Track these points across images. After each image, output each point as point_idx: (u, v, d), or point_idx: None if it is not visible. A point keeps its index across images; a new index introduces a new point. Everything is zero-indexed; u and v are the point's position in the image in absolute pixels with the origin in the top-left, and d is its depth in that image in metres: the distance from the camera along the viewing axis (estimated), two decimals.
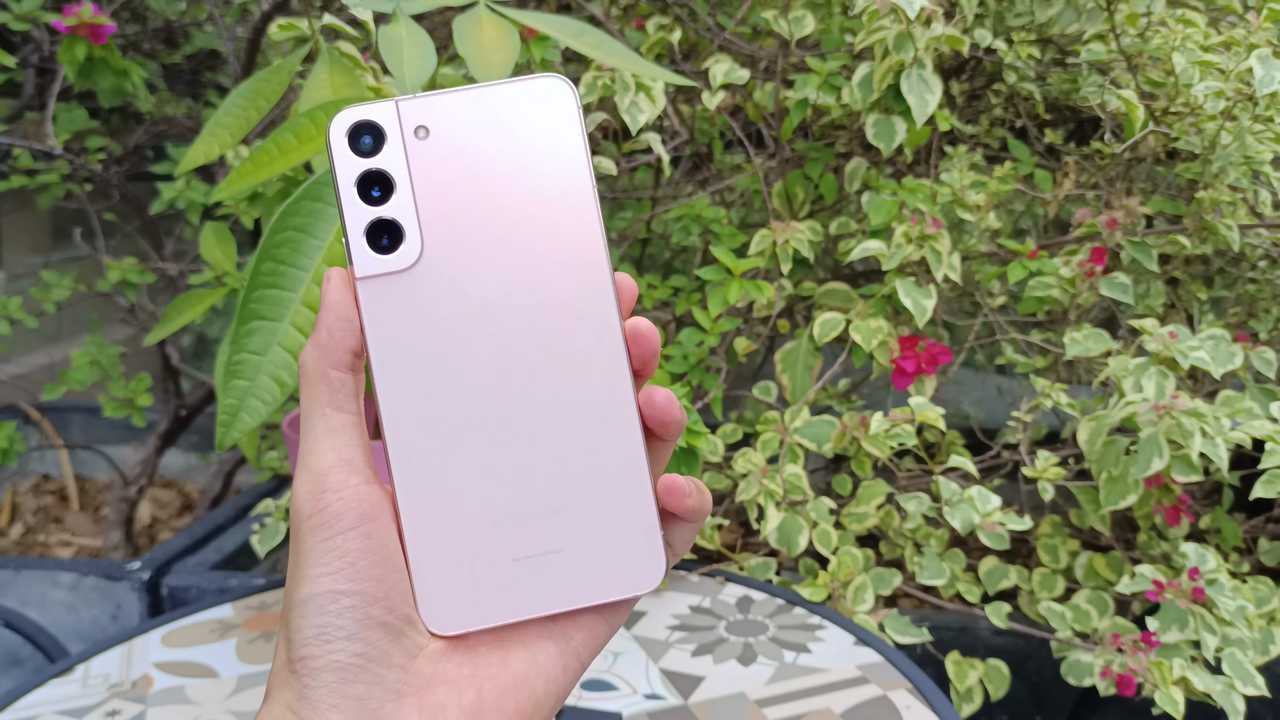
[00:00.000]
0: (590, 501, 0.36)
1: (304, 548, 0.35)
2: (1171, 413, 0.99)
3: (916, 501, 1.10)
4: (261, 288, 0.62)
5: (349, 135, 0.36)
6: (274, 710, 0.34)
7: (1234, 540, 1.27)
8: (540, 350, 0.36)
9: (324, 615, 0.34)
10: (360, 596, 0.34)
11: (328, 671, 0.34)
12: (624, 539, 0.36)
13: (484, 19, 0.80)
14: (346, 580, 0.34)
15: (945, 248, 1.12)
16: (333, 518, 0.35)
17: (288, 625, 0.35)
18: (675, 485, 0.37)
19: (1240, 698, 0.95)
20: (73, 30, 1.22)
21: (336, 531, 0.35)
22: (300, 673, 0.34)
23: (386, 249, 0.36)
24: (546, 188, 0.36)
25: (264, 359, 0.61)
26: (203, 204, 1.65)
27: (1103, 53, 1.19)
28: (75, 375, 1.56)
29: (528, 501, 0.36)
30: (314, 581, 0.34)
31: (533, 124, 0.36)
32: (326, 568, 0.34)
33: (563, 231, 0.36)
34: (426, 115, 0.36)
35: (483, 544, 0.36)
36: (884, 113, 1.15)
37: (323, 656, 0.34)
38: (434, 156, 0.36)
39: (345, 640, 0.34)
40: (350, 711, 0.33)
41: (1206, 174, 1.16)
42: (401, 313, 0.36)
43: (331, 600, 0.34)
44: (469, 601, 0.36)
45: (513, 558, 0.36)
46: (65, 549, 1.74)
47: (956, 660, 1.12)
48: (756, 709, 0.82)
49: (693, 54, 1.46)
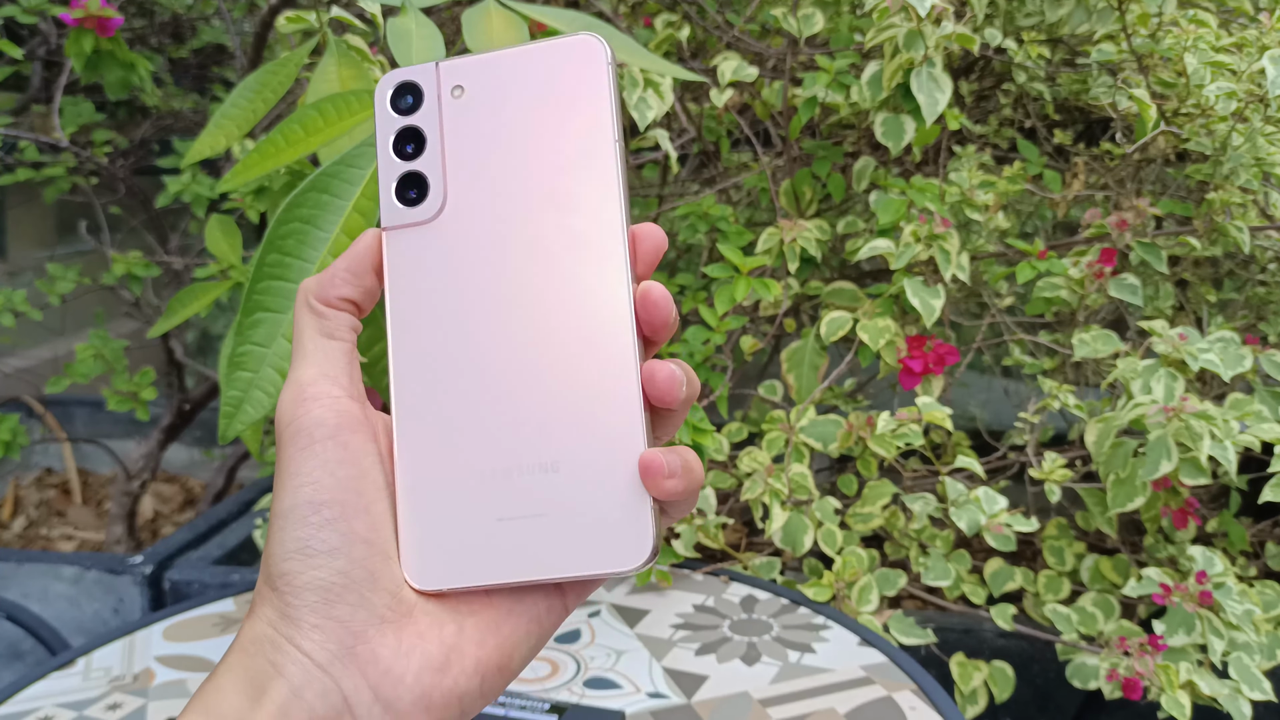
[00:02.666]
0: (582, 467, 0.35)
1: (285, 456, 0.35)
2: (1180, 415, 0.98)
3: (922, 502, 1.10)
4: (267, 279, 0.61)
5: (392, 95, 0.38)
6: (257, 625, 0.34)
7: (1241, 544, 1.26)
8: (547, 311, 0.36)
9: (305, 527, 0.33)
10: (341, 508, 0.34)
11: (309, 590, 0.33)
12: (613, 511, 0.35)
13: (493, 12, 0.79)
14: (327, 490, 0.34)
15: (954, 247, 1.11)
16: (312, 424, 0.35)
17: (270, 540, 0.34)
18: (654, 464, 0.34)
19: (1247, 702, 0.94)
20: (80, 23, 1.21)
21: (315, 439, 0.34)
22: (281, 589, 0.33)
23: (413, 201, 0.37)
24: (569, 146, 0.36)
25: (268, 351, 0.61)
26: (208, 198, 1.65)
27: (1113, 53, 1.18)
28: (79, 369, 1.56)
29: (519, 459, 0.35)
30: (295, 492, 0.34)
31: (562, 81, 0.37)
32: (306, 477, 0.34)
33: (580, 192, 0.36)
34: (463, 75, 0.38)
35: (469, 500, 0.35)
36: (893, 111, 1.14)
37: (305, 573, 0.33)
38: (466, 114, 0.37)
39: (327, 555, 0.33)
40: (332, 631, 0.33)
41: (1217, 175, 1.15)
42: (418, 262, 0.37)
43: (312, 511, 0.34)
44: (448, 558, 0.35)
45: (497, 518, 0.35)
46: (67, 543, 1.74)
47: (961, 662, 1.12)
48: (760, 709, 0.81)
49: (701, 51, 1.45)
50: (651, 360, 0.36)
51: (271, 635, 0.33)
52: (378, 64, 0.88)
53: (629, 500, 0.35)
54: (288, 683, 0.33)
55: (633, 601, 0.99)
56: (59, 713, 0.81)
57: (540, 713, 0.80)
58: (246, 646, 0.34)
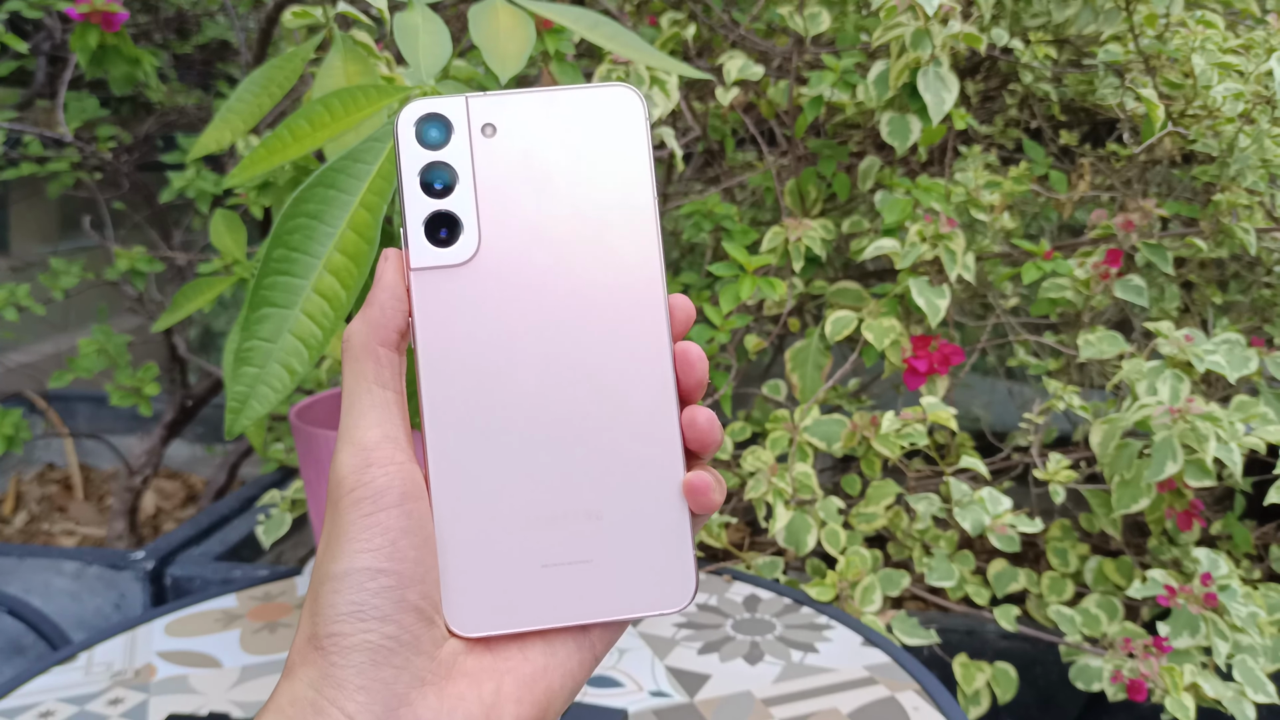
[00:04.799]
0: (625, 514, 0.35)
1: (345, 521, 0.34)
2: (1186, 416, 0.98)
3: (926, 502, 1.10)
4: (273, 274, 0.61)
5: (416, 126, 0.36)
6: (296, 687, 0.34)
7: (1245, 546, 1.26)
8: (588, 360, 0.36)
9: (361, 592, 0.33)
10: (398, 577, 0.34)
11: (358, 651, 0.33)
12: (656, 556, 0.35)
13: (500, 8, 0.79)
14: (386, 559, 0.34)
15: (959, 247, 1.11)
16: (377, 493, 0.34)
17: (318, 600, 0.34)
18: (702, 484, 0.36)
19: (1251, 705, 0.94)
20: (85, 18, 1.21)
21: (380, 507, 0.34)
22: (328, 649, 0.33)
23: (444, 242, 0.36)
24: (608, 198, 0.36)
25: (274, 346, 0.61)
26: (212, 193, 1.65)
27: (1120, 54, 1.18)
28: (82, 363, 1.56)
29: (562, 507, 0.35)
30: (353, 557, 0.34)
31: (600, 132, 0.36)
32: (367, 544, 0.34)
33: (620, 244, 0.36)
34: (495, 114, 0.36)
35: (513, 547, 0.35)
36: (899, 111, 1.14)
37: (355, 635, 0.33)
38: (499, 155, 0.36)
39: (379, 621, 0.33)
40: (377, 694, 0.33)
41: (1224, 177, 1.15)
42: (453, 306, 0.36)
43: (370, 578, 0.34)
44: (494, 604, 0.35)
45: (541, 564, 0.35)
46: (69, 538, 1.74)
47: (964, 663, 1.12)
48: (763, 708, 0.81)
49: (706, 50, 1.45)
50: (691, 407, 0.36)
51: (313, 698, 0.33)
52: (384, 59, 0.88)
53: (672, 544, 0.35)
54: None
55: None
56: (60, 707, 0.81)
57: None
58: (285, 708, 0.34)
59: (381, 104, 0.70)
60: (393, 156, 0.63)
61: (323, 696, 0.33)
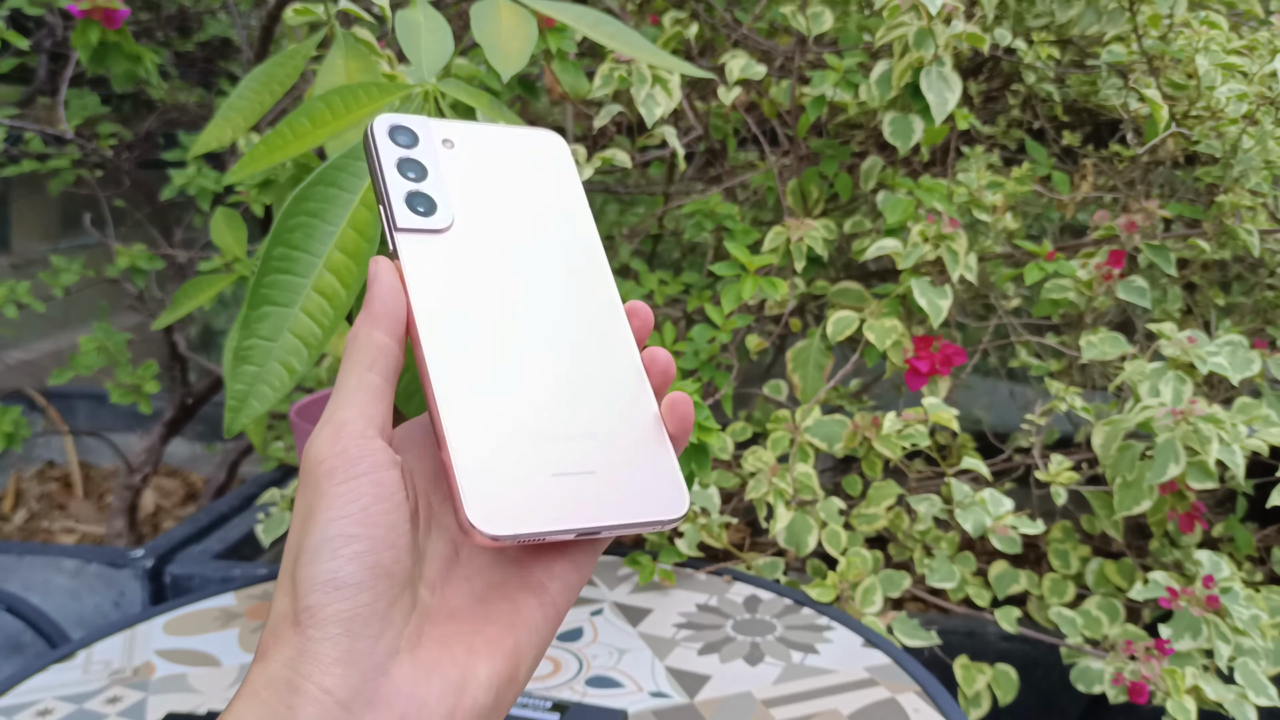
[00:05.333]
0: (616, 435, 0.39)
1: (318, 491, 0.35)
2: (1188, 418, 0.97)
3: (927, 503, 1.09)
4: (273, 272, 0.61)
5: (390, 131, 0.42)
6: (270, 668, 0.33)
7: (1247, 549, 1.26)
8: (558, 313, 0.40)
9: (335, 559, 0.34)
10: (371, 541, 0.34)
11: (333, 623, 0.33)
12: (649, 471, 0.38)
13: (502, 6, 0.79)
14: (358, 524, 0.34)
15: (962, 248, 1.11)
16: (350, 461, 0.35)
17: (294, 575, 0.34)
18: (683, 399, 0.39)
19: (1252, 708, 0.94)
20: (86, 15, 1.21)
21: (351, 476, 0.35)
22: (304, 624, 0.33)
23: (423, 214, 0.40)
24: (554, 203, 0.43)
25: (274, 344, 0.61)
26: (213, 191, 1.64)
27: (1124, 54, 1.17)
28: (82, 361, 1.56)
29: (560, 427, 0.38)
30: (327, 525, 0.34)
31: (540, 160, 0.44)
32: (340, 511, 0.34)
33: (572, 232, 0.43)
34: (451, 133, 0.43)
35: (525, 456, 0.37)
36: (901, 110, 1.14)
37: (330, 605, 0.33)
38: (460, 162, 0.42)
39: (354, 588, 0.33)
40: (354, 666, 0.33)
41: (1227, 178, 1.15)
42: (438, 263, 0.40)
43: (344, 544, 0.34)
44: (516, 508, 0.36)
45: (552, 473, 0.37)
46: (69, 535, 1.74)
47: (965, 664, 1.11)
48: (763, 709, 0.81)
49: (708, 50, 1.45)
50: (650, 348, 0.41)
51: (288, 676, 0.33)
52: (385, 57, 0.88)
53: (660, 461, 0.39)
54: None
55: (635, 600, 0.99)
56: (59, 705, 0.81)
57: (542, 711, 0.79)
58: (259, 691, 0.33)
59: (383, 102, 0.69)
60: None
61: (298, 674, 0.33)
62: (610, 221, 1.69)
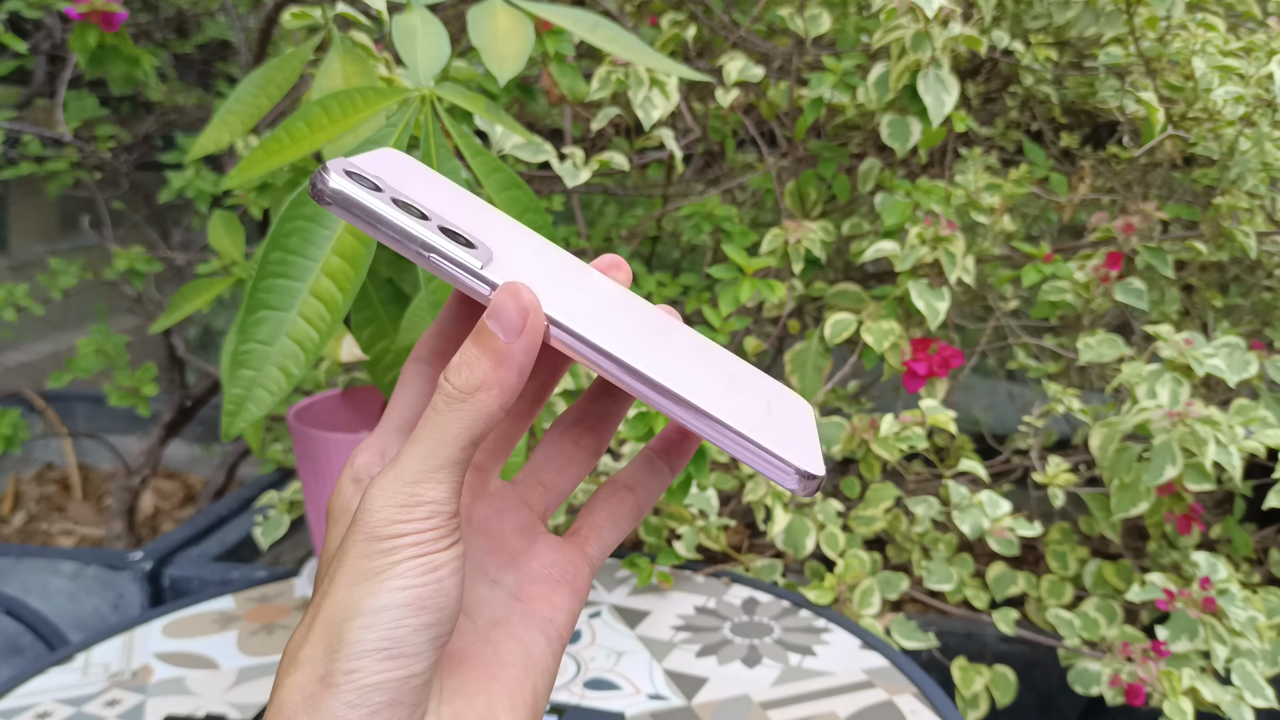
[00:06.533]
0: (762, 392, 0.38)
1: (384, 549, 0.32)
2: (1186, 420, 0.98)
3: (925, 505, 1.09)
4: (270, 277, 0.61)
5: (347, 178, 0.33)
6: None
7: (1245, 550, 1.26)
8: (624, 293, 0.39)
9: (399, 629, 0.31)
10: (439, 614, 0.32)
11: (379, 691, 0.31)
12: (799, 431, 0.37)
13: (499, 10, 0.79)
14: (432, 596, 0.32)
15: (959, 250, 1.11)
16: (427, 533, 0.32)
17: (342, 634, 0.31)
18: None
19: (1249, 709, 0.94)
20: (85, 17, 1.21)
21: (426, 551, 0.32)
22: (342, 687, 0.31)
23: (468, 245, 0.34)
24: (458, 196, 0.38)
25: (271, 349, 0.61)
26: (211, 193, 1.65)
27: (1121, 56, 1.18)
28: (81, 363, 1.56)
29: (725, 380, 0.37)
30: (395, 593, 0.31)
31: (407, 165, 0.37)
32: (411, 580, 0.32)
33: None
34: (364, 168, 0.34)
35: (755, 407, 0.36)
36: (899, 113, 1.14)
37: (381, 673, 0.31)
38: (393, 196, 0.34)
39: (410, 659, 0.31)
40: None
41: (1224, 180, 1.15)
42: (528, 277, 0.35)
43: (411, 615, 0.31)
44: (803, 450, 0.35)
45: (767, 410, 0.37)
46: (67, 538, 1.74)
47: (963, 666, 1.11)
48: (761, 711, 0.81)
49: (707, 51, 1.45)
50: None
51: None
52: (383, 60, 0.88)
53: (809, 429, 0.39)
54: None
55: (633, 603, 0.99)
56: (57, 708, 0.81)
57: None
58: None
59: (380, 106, 0.69)
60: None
61: None
62: (609, 223, 1.69)
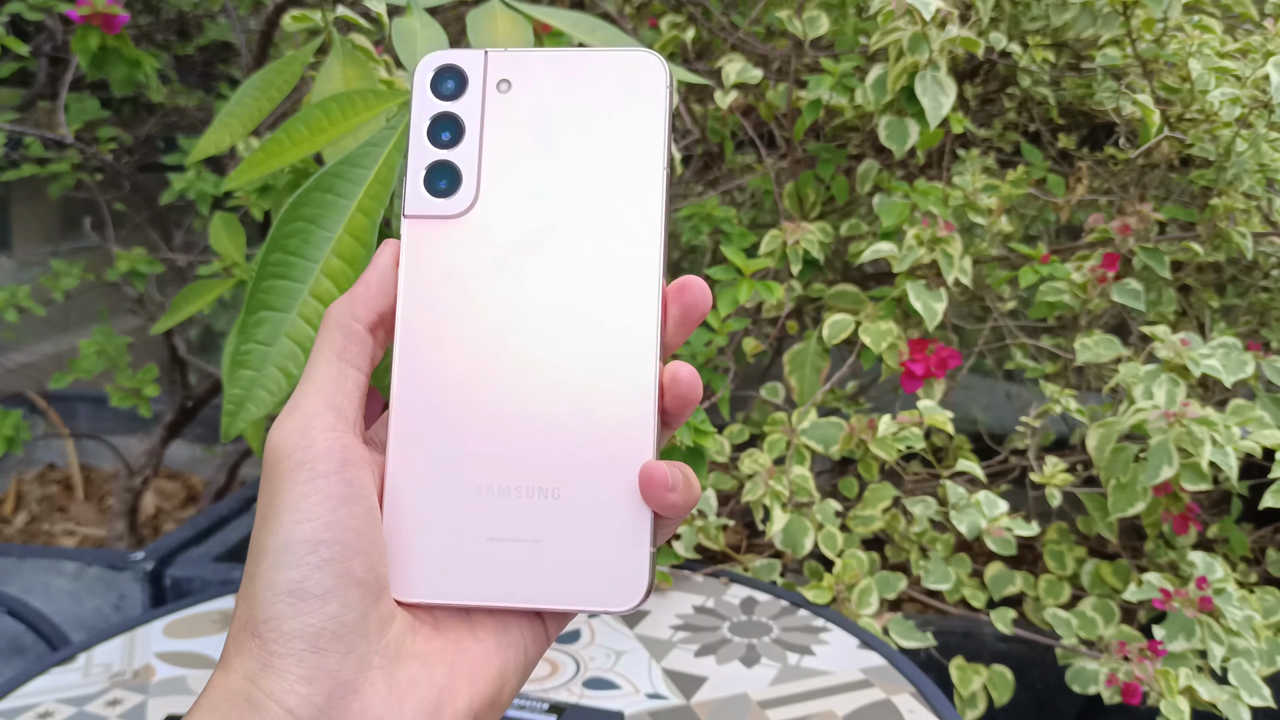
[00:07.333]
0: (583, 498, 0.33)
1: (283, 488, 0.32)
2: (1182, 420, 0.98)
3: (923, 505, 1.10)
4: (270, 278, 0.62)
5: (433, 77, 0.36)
6: (231, 680, 0.31)
7: (1242, 550, 1.26)
8: (569, 328, 0.34)
9: (301, 568, 0.31)
10: (341, 547, 0.31)
11: (298, 638, 0.30)
12: (609, 548, 0.33)
13: (498, 13, 0.79)
14: (327, 528, 0.31)
15: (957, 251, 1.11)
16: (317, 457, 0.32)
17: (255, 579, 0.31)
18: (657, 474, 0.33)
19: (1246, 708, 0.94)
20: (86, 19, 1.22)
21: (320, 474, 0.32)
22: (265, 636, 0.31)
23: (442, 192, 0.35)
24: (615, 169, 0.35)
25: (271, 349, 0.61)
26: (213, 195, 1.65)
27: (1118, 58, 1.18)
28: (82, 364, 1.56)
29: (518, 480, 0.34)
30: (292, 528, 0.31)
31: (618, 96, 0.35)
32: (307, 513, 0.31)
33: (620, 220, 0.34)
34: (512, 69, 0.36)
35: (461, 515, 0.34)
36: (897, 114, 1.14)
37: (295, 618, 0.31)
38: (511, 111, 0.35)
39: (320, 599, 0.31)
40: (320, 683, 0.30)
41: (1221, 181, 1.15)
42: (438, 258, 0.35)
43: (310, 550, 0.31)
44: (435, 574, 0.33)
45: (488, 537, 0.34)
46: (69, 538, 1.74)
47: (960, 665, 1.12)
48: (759, 710, 0.81)
49: (706, 53, 1.45)
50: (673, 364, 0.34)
51: (249, 691, 0.30)
52: (383, 63, 0.88)
53: (629, 537, 0.33)
54: None
55: None
56: (59, 708, 0.82)
57: (539, 713, 0.80)
58: (217, 704, 0.31)
59: (379, 109, 0.70)
60: (390, 161, 0.64)
61: (259, 690, 0.30)
62: None
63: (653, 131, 0.35)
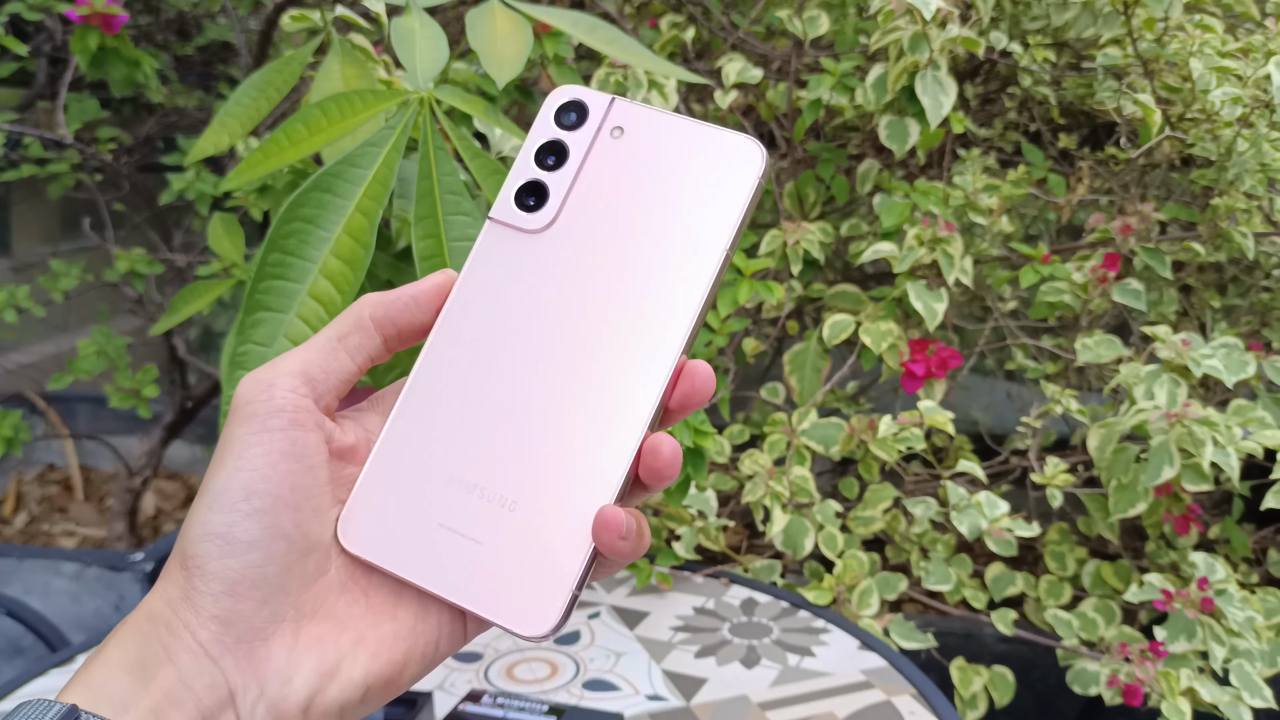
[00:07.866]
0: (535, 519, 0.35)
1: (233, 435, 0.34)
2: (1183, 421, 0.98)
3: (924, 506, 1.10)
4: (268, 279, 0.61)
5: (560, 106, 0.39)
6: (154, 602, 0.33)
7: (1243, 551, 1.26)
8: (584, 366, 0.36)
9: (232, 513, 0.33)
10: (274, 500, 0.33)
11: (218, 579, 0.32)
12: (538, 574, 0.35)
13: (497, 13, 0.79)
14: (264, 480, 0.33)
15: (957, 251, 1.11)
16: (270, 412, 0.34)
17: (192, 515, 0.33)
18: (613, 519, 0.34)
19: (1248, 709, 0.94)
20: (85, 20, 1.21)
21: (267, 428, 0.33)
22: (190, 570, 0.33)
23: (528, 207, 0.38)
24: (681, 237, 0.37)
25: (269, 350, 0.61)
26: (212, 195, 1.65)
27: (1119, 57, 1.18)
28: (82, 365, 1.56)
29: (487, 481, 0.36)
30: (231, 474, 0.33)
31: (710, 174, 0.37)
32: (249, 462, 0.33)
33: (668, 285, 0.37)
34: (629, 119, 0.38)
35: (428, 492, 0.36)
36: (898, 114, 1.14)
37: (218, 559, 0.32)
38: (615, 155, 0.38)
39: (245, 546, 0.32)
40: (231, 626, 0.32)
41: (1222, 181, 1.15)
42: (502, 263, 0.38)
43: (243, 498, 0.33)
44: (381, 535, 0.36)
45: (439, 522, 0.36)
46: (69, 539, 1.74)
47: (961, 666, 1.12)
48: (759, 712, 0.81)
49: (706, 53, 1.45)
50: (657, 435, 0.35)
51: (168, 616, 0.33)
52: (382, 63, 0.88)
53: (558, 571, 0.35)
54: (177, 670, 0.32)
55: (632, 603, 0.99)
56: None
57: (539, 714, 0.80)
58: (141, 623, 0.33)
59: (378, 108, 0.70)
60: (389, 161, 0.64)
61: (178, 617, 0.32)
62: None
63: (728, 216, 0.37)
